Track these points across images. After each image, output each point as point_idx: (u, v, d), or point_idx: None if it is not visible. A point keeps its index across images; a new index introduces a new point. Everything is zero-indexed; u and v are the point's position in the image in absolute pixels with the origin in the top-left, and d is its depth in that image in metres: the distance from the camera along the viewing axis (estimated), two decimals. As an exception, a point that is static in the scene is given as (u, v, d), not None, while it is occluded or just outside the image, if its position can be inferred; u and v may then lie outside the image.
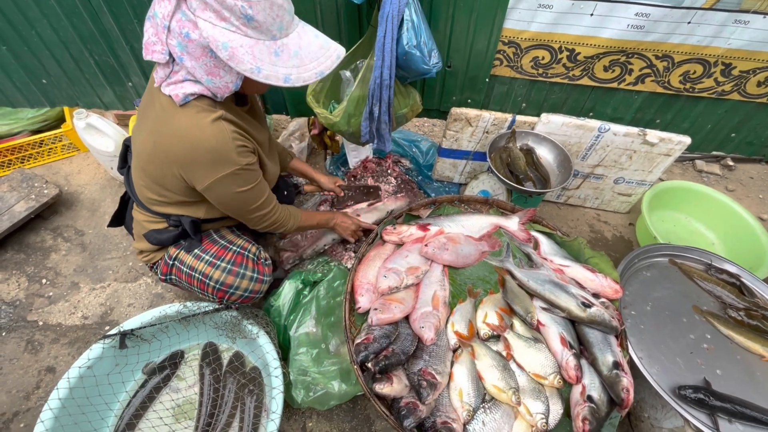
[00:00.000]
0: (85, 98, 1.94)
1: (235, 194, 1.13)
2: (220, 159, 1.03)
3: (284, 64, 0.93)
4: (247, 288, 1.33)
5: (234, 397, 1.41)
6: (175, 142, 1.02)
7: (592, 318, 1.19)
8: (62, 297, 1.76)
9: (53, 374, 1.54)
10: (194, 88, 0.97)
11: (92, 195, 2.17)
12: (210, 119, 0.99)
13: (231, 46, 0.87)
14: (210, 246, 1.33)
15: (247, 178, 1.12)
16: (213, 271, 1.28)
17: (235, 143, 1.04)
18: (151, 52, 0.92)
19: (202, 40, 0.87)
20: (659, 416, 1.32)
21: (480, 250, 1.42)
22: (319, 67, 0.97)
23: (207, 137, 1.00)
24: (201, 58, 0.91)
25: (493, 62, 1.67)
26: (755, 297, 1.46)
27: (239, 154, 1.06)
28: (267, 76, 0.91)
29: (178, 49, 0.90)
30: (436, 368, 1.11)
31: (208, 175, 1.06)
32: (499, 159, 1.82)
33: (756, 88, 1.58)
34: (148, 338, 1.43)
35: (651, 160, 1.86)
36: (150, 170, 1.13)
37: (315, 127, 2.09)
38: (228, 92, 0.98)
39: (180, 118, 1.00)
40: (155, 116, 1.05)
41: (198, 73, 0.93)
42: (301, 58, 0.94)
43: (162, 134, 1.04)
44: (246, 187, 1.13)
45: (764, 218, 2.25)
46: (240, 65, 0.89)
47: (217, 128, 1.00)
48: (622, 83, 1.65)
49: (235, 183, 1.10)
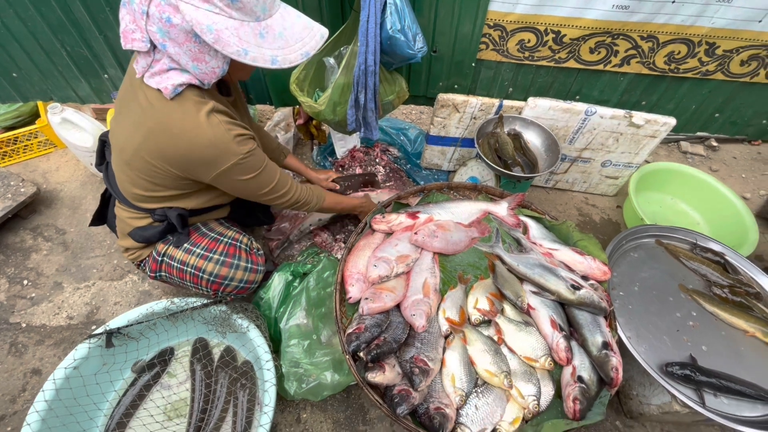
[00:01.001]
0: (59, 92, 1.87)
1: (244, 182, 1.13)
2: (220, 153, 1.02)
3: (270, 45, 0.91)
4: (242, 278, 1.31)
5: (226, 392, 1.39)
6: (170, 140, 0.99)
7: (582, 300, 1.20)
8: (45, 298, 1.72)
9: (39, 376, 1.51)
10: (181, 77, 0.93)
11: (72, 192, 2.10)
12: (203, 113, 0.97)
13: (216, 29, 0.84)
14: (200, 239, 1.30)
15: (252, 164, 1.11)
16: (206, 264, 1.27)
17: (231, 134, 1.02)
18: (131, 41, 0.89)
19: (185, 25, 0.84)
20: (647, 393, 1.35)
21: (470, 237, 1.42)
22: (304, 48, 0.96)
23: (204, 133, 0.98)
24: (185, 44, 0.88)
25: (479, 46, 1.65)
26: (739, 274, 1.49)
27: (239, 144, 1.04)
28: (254, 58, 0.89)
29: (159, 35, 0.86)
30: (428, 355, 1.11)
31: (210, 170, 1.05)
32: (487, 145, 1.81)
33: (739, 67, 1.59)
34: (135, 336, 1.40)
35: (637, 142, 1.87)
36: (137, 165, 1.09)
37: (300, 117, 2.05)
38: (215, 77, 0.96)
39: (172, 113, 0.97)
40: (141, 110, 1.01)
41: (183, 60, 0.90)
42: (285, 39, 0.93)
43: (153, 130, 1.00)
44: (253, 173, 1.12)
45: (747, 197, 2.29)
46: (226, 48, 0.86)
47: (210, 122, 0.98)
48: (608, 65, 1.65)
49: (242, 172, 1.10)
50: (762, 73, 1.60)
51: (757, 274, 1.49)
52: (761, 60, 1.55)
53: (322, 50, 1.64)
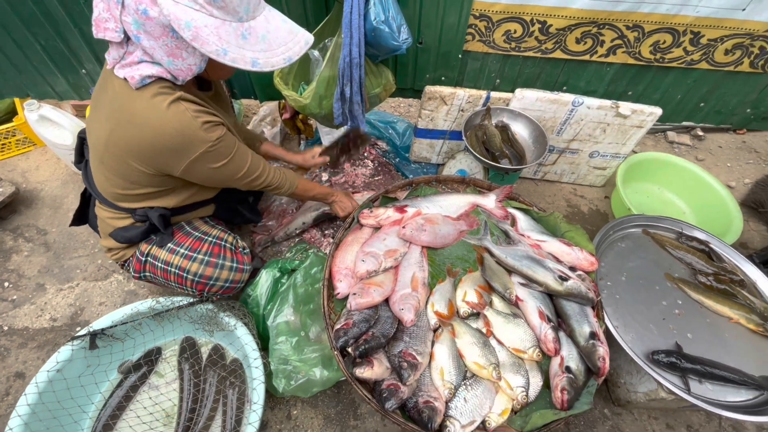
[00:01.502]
0: (35, 88, 1.81)
1: (216, 170, 1.09)
2: (188, 141, 0.98)
3: (251, 47, 0.88)
4: (228, 278, 1.29)
5: (215, 390, 1.38)
6: (134, 131, 0.95)
7: (569, 291, 1.20)
8: (27, 300, 1.68)
9: (23, 380, 1.48)
10: (152, 69, 0.90)
11: (53, 192, 2.05)
12: (168, 101, 0.93)
13: (195, 26, 0.81)
14: (184, 239, 1.28)
15: (222, 151, 1.07)
16: (190, 264, 1.24)
17: (199, 120, 0.98)
18: (103, 30, 0.85)
19: (162, 18, 0.80)
20: (634, 381, 1.37)
21: (458, 230, 1.41)
22: (287, 53, 0.93)
23: (169, 121, 0.94)
24: (161, 38, 0.84)
25: (465, 37, 1.63)
26: (723, 262, 1.50)
27: (207, 131, 1.00)
28: (234, 59, 0.86)
29: (134, 27, 0.83)
30: (417, 349, 1.10)
31: (180, 160, 1.01)
32: (475, 137, 1.80)
33: (723, 56, 1.59)
34: (120, 337, 1.38)
35: (624, 132, 1.87)
36: (109, 162, 1.06)
37: (286, 111, 2.02)
38: (190, 75, 0.92)
39: (135, 103, 0.93)
40: (109, 102, 0.98)
41: (157, 54, 0.87)
42: (269, 43, 0.90)
43: (119, 122, 0.97)
44: (225, 159, 1.09)
45: (732, 186, 2.32)
46: (205, 46, 0.83)
47: (176, 109, 0.94)
48: (594, 55, 1.64)
49: (213, 159, 1.06)
50: (746, 61, 1.61)
51: (741, 261, 1.51)
52: (745, 49, 1.56)
53: (307, 42, 1.61)
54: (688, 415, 1.49)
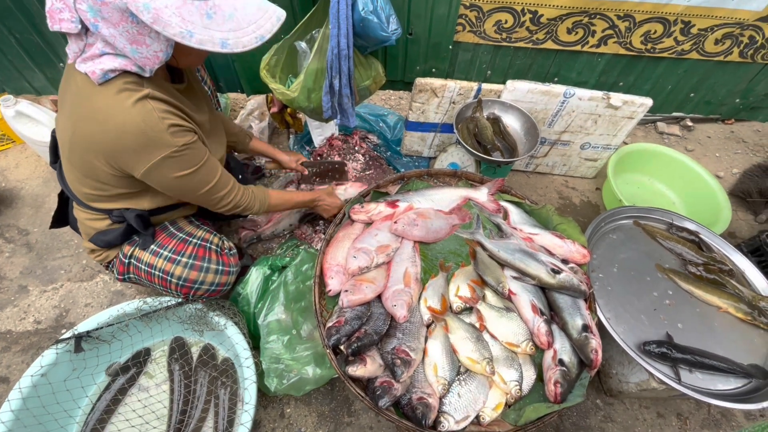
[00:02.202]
0: (11, 83, 1.75)
1: (179, 179, 1.01)
2: (151, 142, 0.92)
3: (219, 27, 0.81)
4: (213, 281, 1.26)
5: (206, 391, 1.36)
6: (95, 128, 0.90)
7: (562, 284, 1.20)
8: (10, 302, 1.63)
9: (7, 384, 1.44)
10: (114, 62, 0.84)
11: (34, 190, 1.99)
12: (134, 99, 0.87)
13: (154, 7, 0.74)
14: (167, 240, 1.23)
15: (189, 159, 1.00)
16: (174, 268, 1.20)
17: (165, 123, 0.92)
18: (58, 21, 0.78)
19: (118, 2, 0.74)
20: (626, 372, 1.38)
21: (450, 224, 1.40)
22: (258, 31, 0.86)
23: (132, 120, 0.88)
24: (120, 24, 0.78)
25: (456, 27, 1.60)
26: (713, 252, 1.52)
27: (173, 135, 0.94)
28: (200, 41, 0.79)
29: (90, 14, 0.76)
30: (410, 345, 1.09)
31: (141, 161, 0.94)
32: (467, 130, 1.78)
33: (714, 46, 1.59)
34: (107, 339, 1.35)
35: (615, 123, 1.87)
36: (76, 162, 1.01)
37: (274, 105, 1.97)
38: (158, 63, 0.86)
39: (98, 99, 0.87)
40: (72, 98, 0.92)
41: (119, 43, 0.81)
42: (237, 21, 0.83)
43: (81, 119, 0.91)
44: (189, 169, 1.01)
45: (721, 176, 2.34)
46: (167, 29, 0.77)
47: (142, 108, 0.88)
48: (586, 45, 1.63)
49: (176, 166, 0.98)
50: (735, 51, 1.61)
51: (729, 251, 1.52)
52: (735, 38, 1.56)
53: (293, 34, 1.57)
54: (678, 404, 1.51)
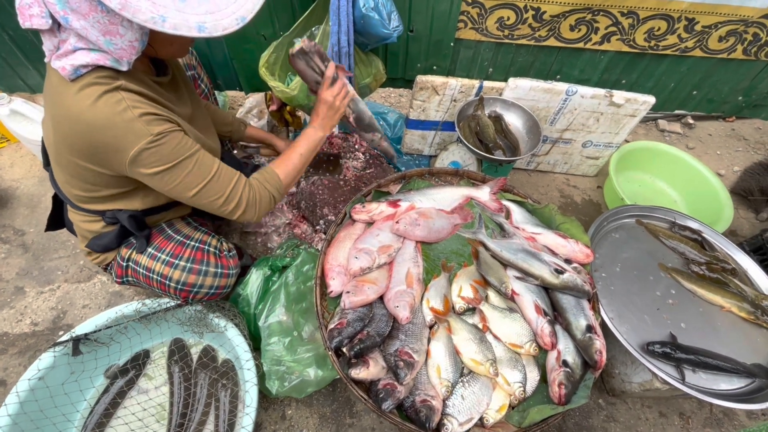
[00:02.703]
0: (4, 81, 1.72)
1: (162, 174, 0.92)
2: (122, 133, 0.85)
3: (194, 10, 0.75)
4: (212, 285, 1.23)
5: (207, 393, 1.35)
6: (70, 127, 0.87)
7: (565, 284, 1.19)
8: (6, 304, 1.61)
9: (4, 387, 1.42)
10: (87, 58, 0.79)
11: (30, 190, 1.96)
12: (101, 91, 0.82)
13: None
14: (164, 243, 1.21)
15: (169, 150, 0.91)
16: (172, 272, 1.17)
17: (136, 111, 0.85)
18: (29, 18, 0.74)
19: None
20: (629, 372, 1.37)
21: (452, 224, 1.38)
22: (239, 12, 0.79)
23: (101, 113, 0.83)
24: (90, 14, 0.74)
25: (457, 24, 1.58)
26: (715, 251, 1.51)
27: (147, 123, 0.86)
28: (175, 26, 0.74)
29: (58, 7, 0.72)
30: (413, 347, 1.08)
31: (119, 156, 0.88)
32: (468, 128, 1.76)
33: (717, 43, 1.58)
34: (105, 341, 1.33)
35: (617, 121, 1.86)
36: (62, 163, 0.98)
37: (273, 103, 1.95)
38: (134, 54, 0.81)
39: (70, 96, 0.83)
40: (50, 98, 0.89)
41: (92, 35, 0.76)
42: (214, 2, 0.77)
43: (58, 119, 0.88)
44: (172, 161, 0.92)
45: (722, 173, 2.34)
46: (138, 15, 0.71)
47: (110, 99, 0.83)
48: (588, 43, 1.61)
49: (155, 158, 0.90)
50: (739, 49, 1.59)
51: (732, 250, 1.52)
52: (739, 35, 1.54)
53: (293, 31, 1.54)
54: (681, 403, 1.51)
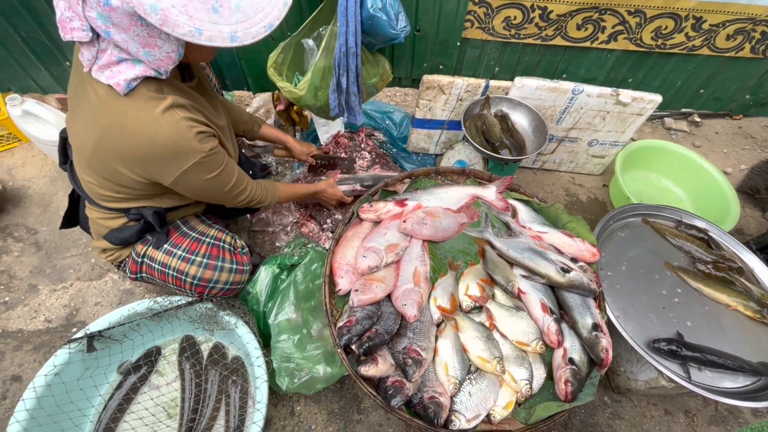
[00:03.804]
0: (17, 82, 1.74)
1: (205, 182, 1.06)
2: (182, 151, 0.96)
3: (226, 20, 0.79)
4: (228, 280, 1.27)
5: (217, 389, 1.37)
6: (128, 140, 0.92)
7: (571, 282, 1.20)
8: (20, 301, 1.64)
9: (20, 383, 1.45)
10: (134, 70, 0.85)
11: (42, 189, 1.99)
12: (161, 109, 0.90)
13: (161, 8, 0.74)
14: (180, 240, 1.24)
15: (213, 162, 1.05)
16: (188, 267, 1.21)
17: (193, 131, 0.95)
18: (70, 31, 0.79)
19: (125, 6, 0.74)
20: (635, 369, 1.38)
21: (459, 222, 1.39)
22: (267, 19, 0.84)
23: (164, 131, 0.91)
24: (131, 29, 0.78)
25: (464, 24, 1.58)
26: (722, 250, 1.51)
27: (200, 141, 0.98)
28: (210, 38, 0.78)
29: (100, 21, 0.77)
30: (421, 345, 1.10)
31: (172, 170, 0.98)
32: (474, 127, 1.77)
33: (725, 41, 1.57)
34: (118, 338, 1.36)
35: (624, 120, 1.86)
36: (97, 167, 1.02)
37: (280, 103, 1.96)
38: (171, 64, 0.87)
39: (128, 111, 0.89)
40: (92, 107, 0.93)
41: (132, 47, 0.81)
42: (244, 12, 0.81)
43: (107, 129, 0.92)
44: (215, 172, 1.06)
45: (728, 172, 2.33)
46: (176, 29, 0.76)
47: (171, 118, 0.91)
48: (595, 42, 1.61)
49: (203, 171, 1.03)
50: (747, 47, 1.59)
51: (739, 249, 1.52)
52: (747, 34, 1.54)
53: (300, 31, 1.55)
54: (686, 401, 1.51)
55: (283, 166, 2.15)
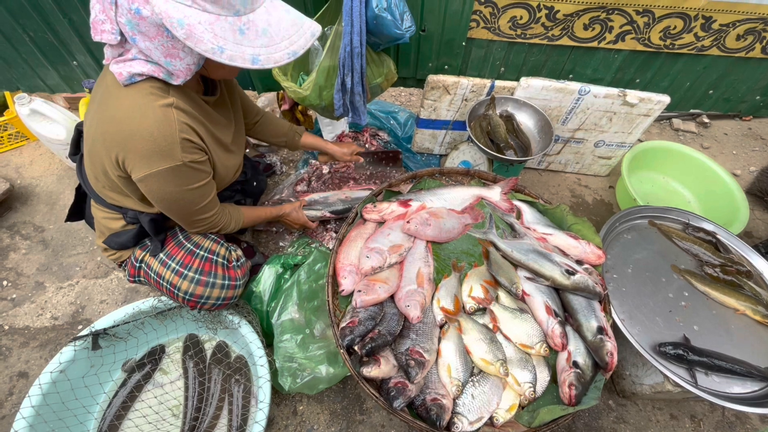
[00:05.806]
0: (25, 81, 1.76)
1: (173, 192, 1.01)
2: (159, 150, 0.92)
3: (251, 43, 0.81)
4: (219, 296, 1.25)
5: (220, 388, 1.38)
6: (113, 126, 0.91)
7: (576, 285, 1.19)
8: (27, 298, 1.66)
9: (26, 379, 1.47)
10: (143, 67, 0.86)
11: (49, 187, 2.01)
12: (159, 104, 0.89)
13: (188, 23, 0.75)
14: (176, 251, 1.23)
15: (190, 176, 1.01)
16: (180, 282, 1.19)
17: (180, 136, 0.92)
18: (100, 32, 0.81)
19: (154, 17, 0.76)
20: (640, 373, 1.37)
21: (463, 223, 1.39)
22: (292, 47, 0.86)
23: (149, 123, 0.89)
24: (156, 38, 0.80)
25: (470, 24, 1.57)
26: (730, 253, 1.49)
27: (183, 149, 0.95)
28: (231, 57, 0.80)
29: (129, 28, 0.79)
30: (424, 346, 1.09)
31: (143, 165, 0.94)
32: (479, 128, 1.76)
33: (735, 41, 1.55)
34: (123, 336, 1.37)
35: (631, 121, 1.84)
36: (94, 158, 1.02)
37: (285, 102, 1.97)
38: (189, 75, 0.88)
39: (122, 99, 0.89)
40: (100, 97, 0.95)
41: (155, 55, 0.83)
42: (270, 37, 0.83)
43: (103, 117, 0.93)
44: (188, 186, 1.02)
45: (737, 174, 2.29)
46: (199, 45, 0.77)
47: (162, 114, 0.90)
48: (603, 42, 1.59)
49: (175, 180, 0.98)
50: (758, 47, 1.56)
51: (747, 252, 1.50)
52: (757, 34, 1.52)
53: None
54: (692, 405, 1.50)
55: (288, 166, 2.15)
